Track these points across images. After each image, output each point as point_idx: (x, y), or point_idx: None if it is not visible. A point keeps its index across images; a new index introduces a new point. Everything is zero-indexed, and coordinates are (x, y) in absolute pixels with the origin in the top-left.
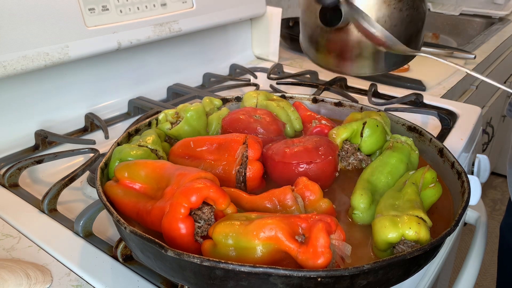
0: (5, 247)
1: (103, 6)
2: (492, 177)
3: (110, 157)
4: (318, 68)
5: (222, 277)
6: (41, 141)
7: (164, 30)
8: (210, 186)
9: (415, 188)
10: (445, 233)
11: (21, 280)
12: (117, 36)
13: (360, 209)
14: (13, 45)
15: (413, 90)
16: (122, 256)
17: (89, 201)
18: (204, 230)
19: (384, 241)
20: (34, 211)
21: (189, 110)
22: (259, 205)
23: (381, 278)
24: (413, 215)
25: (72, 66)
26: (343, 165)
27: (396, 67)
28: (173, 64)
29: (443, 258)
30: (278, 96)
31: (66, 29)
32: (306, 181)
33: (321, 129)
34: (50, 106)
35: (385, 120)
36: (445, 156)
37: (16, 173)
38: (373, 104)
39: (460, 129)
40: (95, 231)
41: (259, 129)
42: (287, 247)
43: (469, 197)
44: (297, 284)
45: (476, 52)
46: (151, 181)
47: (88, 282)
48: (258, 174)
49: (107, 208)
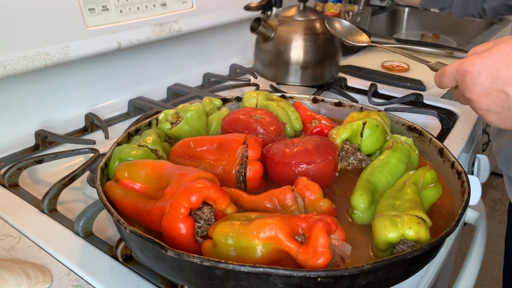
0: (5, 247)
1: (103, 6)
2: (492, 177)
3: (110, 157)
4: None
5: (222, 277)
6: (41, 141)
7: (164, 30)
8: (210, 186)
9: (415, 188)
10: (445, 233)
11: (21, 280)
12: (117, 36)
13: (360, 209)
14: (13, 45)
15: (413, 90)
16: (122, 256)
17: (89, 201)
18: (204, 230)
19: (384, 241)
20: (34, 211)
21: (189, 110)
22: (259, 205)
23: (381, 278)
24: (413, 215)
25: (72, 66)
26: (343, 165)
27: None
28: (173, 64)
29: (443, 258)
30: (278, 96)
31: (66, 29)
32: (306, 181)
33: (321, 129)
34: (50, 106)
35: (385, 120)
36: (445, 156)
37: (16, 173)
38: (373, 104)
39: (460, 129)
40: (95, 231)
41: (259, 129)
42: (287, 247)
43: (469, 197)
44: (297, 284)
45: None
46: (151, 181)
47: (88, 282)
48: (258, 174)
49: (107, 208)
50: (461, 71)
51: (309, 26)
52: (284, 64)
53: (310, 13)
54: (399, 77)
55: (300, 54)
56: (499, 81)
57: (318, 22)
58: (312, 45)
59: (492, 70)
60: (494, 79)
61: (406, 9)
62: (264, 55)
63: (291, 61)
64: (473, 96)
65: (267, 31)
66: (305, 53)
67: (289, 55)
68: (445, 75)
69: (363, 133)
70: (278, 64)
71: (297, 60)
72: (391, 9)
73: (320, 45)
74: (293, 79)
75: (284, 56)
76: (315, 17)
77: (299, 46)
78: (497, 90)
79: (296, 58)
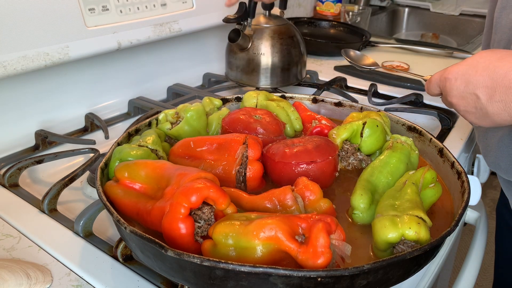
0: (5, 247)
1: (103, 6)
2: (492, 177)
3: (110, 157)
4: (318, 68)
5: (222, 277)
6: (41, 141)
7: (164, 30)
8: (210, 186)
9: (415, 188)
10: (445, 233)
11: (21, 280)
12: (117, 36)
13: (360, 209)
14: (13, 45)
15: (413, 90)
16: (122, 256)
17: (89, 201)
18: (204, 230)
19: (384, 241)
20: (34, 211)
21: (189, 110)
22: (259, 205)
23: (381, 278)
24: (413, 215)
25: (72, 66)
26: (343, 165)
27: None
28: (173, 64)
29: (443, 258)
30: (278, 96)
31: (66, 29)
32: (306, 181)
33: (321, 129)
34: (50, 106)
35: (385, 120)
36: (445, 156)
37: (16, 173)
38: (373, 104)
39: (460, 129)
40: (95, 231)
41: (259, 129)
42: (287, 247)
43: (469, 197)
44: (297, 284)
45: (476, 52)
46: (151, 181)
47: (88, 282)
48: (258, 174)
49: (107, 208)
50: (442, 79)
51: (276, 33)
52: (255, 69)
53: (276, 19)
54: (399, 77)
55: (269, 58)
56: (470, 85)
57: (283, 28)
58: (280, 50)
59: (465, 76)
60: (466, 84)
61: (406, 9)
62: (236, 61)
63: (262, 66)
64: (453, 99)
65: (245, 42)
66: (274, 57)
67: (259, 60)
68: (431, 83)
69: (363, 133)
70: (250, 69)
71: (267, 64)
72: (391, 9)
73: (287, 49)
74: (263, 82)
75: (254, 62)
76: (281, 23)
77: (269, 51)
78: (470, 93)
79: (265, 63)
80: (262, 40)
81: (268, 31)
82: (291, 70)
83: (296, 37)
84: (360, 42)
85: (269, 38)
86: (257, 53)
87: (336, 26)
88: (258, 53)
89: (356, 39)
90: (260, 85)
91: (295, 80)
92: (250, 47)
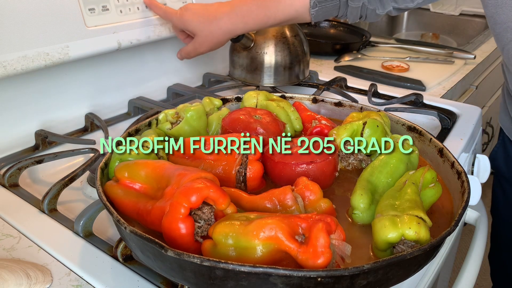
0: (5, 247)
1: (103, 6)
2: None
3: (110, 157)
4: (318, 68)
5: (222, 277)
6: (41, 141)
7: (164, 30)
8: (210, 186)
9: (415, 188)
10: (445, 233)
11: (21, 280)
12: (117, 36)
13: (360, 209)
14: (13, 45)
15: (413, 90)
16: (122, 256)
17: (89, 201)
18: (204, 230)
19: (384, 241)
20: (34, 211)
21: (189, 110)
22: (259, 205)
23: (381, 278)
24: (413, 215)
25: (72, 66)
26: (343, 165)
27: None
28: (173, 64)
29: (443, 258)
30: (278, 96)
31: (66, 29)
32: (306, 181)
33: (321, 129)
34: (50, 106)
35: (385, 120)
36: (445, 156)
37: (16, 173)
38: (373, 104)
39: (460, 129)
40: (95, 231)
41: (259, 129)
42: (287, 247)
43: (469, 197)
44: (297, 284)
45: (476, 52)
46: (151, 181)
47: (88, 282)
48: (258, 174)
49: (107, 208)
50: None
51: (279, 32)
52: (259, 67)
53: None
54: (399, 77)
55: (272, 57)
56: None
57: (286, 26)
58: (283, 49)
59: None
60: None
61: None
62: (240, 60)
63: (265, 64)
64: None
65: (247, 41)
66: (277, 56)
67: (262, 59)
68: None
69: (363, 133)
70: (253, 68)
71: (270, 63)
72: None
73: (290, 48)
74: (267, 81)
75: (258, 60)
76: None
77: (272, 50)
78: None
79: (269, 61)
80: (265, 39)
81: (271, 30)
82: (294, 69)
83: (299, 36)
84: (360, 42)
85: (272, 37)
86: (260, 52)
87: (336, 26)
88: (261, 52)
89: (356, 39)
90: (264, 84)
91: (298, 79)
92: (253, 46)
